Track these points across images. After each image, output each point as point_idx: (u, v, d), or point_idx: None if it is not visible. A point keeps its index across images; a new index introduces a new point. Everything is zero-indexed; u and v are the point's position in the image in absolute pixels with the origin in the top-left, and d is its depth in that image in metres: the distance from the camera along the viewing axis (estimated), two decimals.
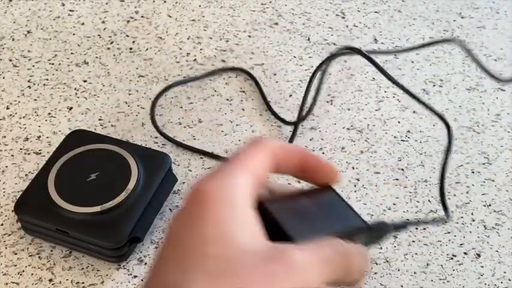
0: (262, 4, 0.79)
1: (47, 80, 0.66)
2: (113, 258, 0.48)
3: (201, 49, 0.71)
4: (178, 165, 0.57)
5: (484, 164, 0.59)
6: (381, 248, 0.51)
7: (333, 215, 0.34)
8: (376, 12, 0.79)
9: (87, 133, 0.54)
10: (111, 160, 0.51)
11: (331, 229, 0.32)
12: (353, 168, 0.58)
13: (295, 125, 0.61)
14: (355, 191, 0.55)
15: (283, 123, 0.62)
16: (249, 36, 0.74)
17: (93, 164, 0.51)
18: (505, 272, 0.50)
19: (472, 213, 0.54)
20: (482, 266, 0.51)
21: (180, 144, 0.59)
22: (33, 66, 0.68)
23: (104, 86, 0.66)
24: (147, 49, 0.71)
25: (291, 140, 0.60)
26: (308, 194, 0.35)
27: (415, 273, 0.50)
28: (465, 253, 0.51)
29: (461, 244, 0.52)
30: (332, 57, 0.67)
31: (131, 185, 0.49)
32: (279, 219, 0.32)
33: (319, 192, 0.35)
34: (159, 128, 0.61)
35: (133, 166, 0.50)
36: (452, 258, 0.51)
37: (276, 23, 0.76)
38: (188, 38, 0.73)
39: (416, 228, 0.52)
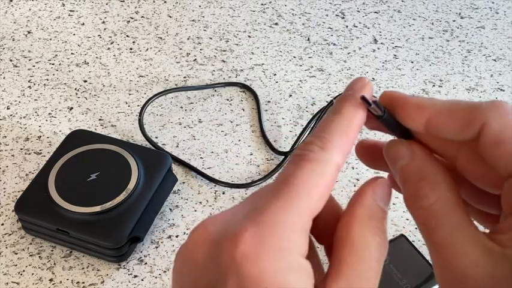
0: (262, 4, 0.79)
1: (47, 80, 0.66)
2: (113, 258, 0.48)
3: (201, 49, 0.71)
4: (178, 165, 0.57)
5: None
6: None
7: (407, 268, 0.41)
8: (376, 12, 0.79)
9: (87, 133, 0.54)
10: (111, 160, 0.51)
11: (405, 284, 0.41)
12: (353, 168, 0.58)
13: (286, 155, 0.59)
14: (355, 191, 0.55)
15: (277, 154, 0.59)
16: (249, 36, 0.74)
17: (94, 164, 0.51)
18: None
19: None
20: None
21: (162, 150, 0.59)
22: (34, 66, 0.68)
23: (104, 86, 0.66)
24: (147, 49, 0.71)
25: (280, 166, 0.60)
26: None
27: None
28: None
29: None
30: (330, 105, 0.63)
31: (131, 185, 0.49)
32: None
33: (392, 245, 0.43)
34: (148, 136, 0.61)
35: (134, 166, 0.51)
36: None
37: (276, 23, 0.76)
38: (188, 38, 0.73)
39: (416, 228, 0.52)
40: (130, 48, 0.71)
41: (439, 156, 0.26)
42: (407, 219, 0.53)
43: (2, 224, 0.52)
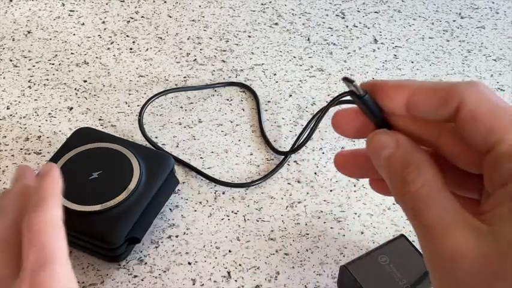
0: (262, 4, 0.79)
1: (47, 80, 0.66)
2: (110, 258, 0.48)
3: (201, 49, 0.71)
4: (178, 165, 0.57)
5: None
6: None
7: (407, 268, 0.43)
8: (376, 12, 0.79)
9: (92, 131, 0.54)
10: (114, 159, 0.51)
11: (405, 284, 0.42)
12: None
13: (286, 155, 0.59)
14: (355, 191, 0.55)
15: (277, 153, 0.59)
16: (249, 36, 0.74)
17: (96, 163, 0.51)
18: None
19: None
20: None
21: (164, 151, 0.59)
22: (34, 66, 0.68)
23: (104, 86, 0.66)
24: (147, 49, 0.71)
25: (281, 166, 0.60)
26: (384, 249, 0.45)
27: None
28: None
29: None
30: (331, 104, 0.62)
31: (132, 184, 0.49)
32: (359, 280, 0.42)
33: (392, 245, 0.45)
34: (148, 136, 0.61)
35: (136, 166, 0.50)
36: None
37: (276, 23, 0.76)
38: (188, 38, 0.73)
39: None
40: (131, 48, 0.71)
41: (421, 142, 0.27)
42: (407, 219, 0.53)
43: None
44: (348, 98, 0.28)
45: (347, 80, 0.26)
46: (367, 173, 0.30)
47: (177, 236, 0.51)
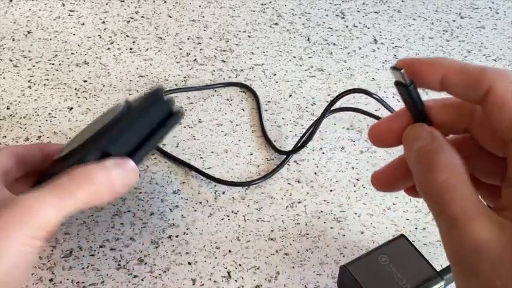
0: (262, 4, 0.79)
1: (47, 80, 0.66)
2: None
3: (201, 49, 0.71)
4: (178, 165, 0.58)
5: None
6: None
7: (407, 268, 0.43)
8: (375, 12, 0.79)
9: None
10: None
11: (405, 284, 0.42)
12: (353, 168, 0.58)
13: (288, 155, 0.58)
14: (355, 191, 0.55)
15: (279, 153, 0.58)
16: (249, 36, 0.74)
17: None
18: None
19: None
20: None
21: (169, 155, 0.59)
22: (34, 66, 0.68)
23: (104, 86, 0.66)
24: (147, 49, 0.71)
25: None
26: (384, 249, 0.45)
27: None
28: None
29: None
30: (332, 103, 0.61)
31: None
32: (359, 280, 0.42)
33: (392, 245, 0.45)
34: None
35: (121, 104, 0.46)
36: None
37: (276, 23, 0.76)
38: (188, 38, 0.73)
39: (416, 228, 0.52)
40: (131, 48, 0.71)
41: (456, 125, 0.28)
42: (407, 219, 0.53)
43: None
44: (347, 98, 0.29)
45: (395, 69, 0.27)
46: (404, 184, 0.31)
47: (177, 236, 0.51)
